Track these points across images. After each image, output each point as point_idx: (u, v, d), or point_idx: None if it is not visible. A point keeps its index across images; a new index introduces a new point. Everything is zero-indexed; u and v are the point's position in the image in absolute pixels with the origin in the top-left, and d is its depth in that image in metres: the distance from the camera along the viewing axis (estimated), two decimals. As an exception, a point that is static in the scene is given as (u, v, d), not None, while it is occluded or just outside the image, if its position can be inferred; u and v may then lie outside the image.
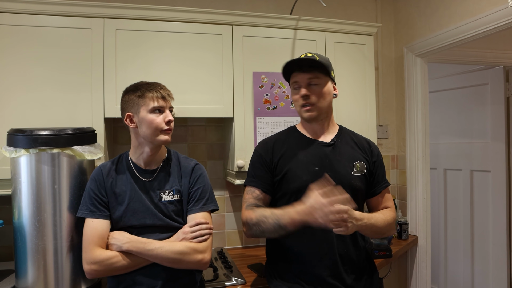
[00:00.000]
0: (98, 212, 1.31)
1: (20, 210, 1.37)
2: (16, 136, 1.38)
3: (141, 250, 1.26)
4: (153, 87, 1.34)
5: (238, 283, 1.66)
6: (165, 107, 1.35)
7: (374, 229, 1.34)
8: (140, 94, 1.32)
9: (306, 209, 1.21)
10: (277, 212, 1.30)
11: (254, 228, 1.34)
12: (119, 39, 1.76)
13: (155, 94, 1.32)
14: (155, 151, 1.37)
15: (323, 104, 1.41)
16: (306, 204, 1.22)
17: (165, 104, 1.34)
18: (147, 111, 1.31)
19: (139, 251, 1.26)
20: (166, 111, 1.35)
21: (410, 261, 2.51)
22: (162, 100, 1.33)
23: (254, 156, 1.48)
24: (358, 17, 2.54)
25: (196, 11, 1.86)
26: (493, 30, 1.88)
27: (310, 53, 1.42)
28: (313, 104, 1.39)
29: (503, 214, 2.69)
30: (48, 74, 1.68)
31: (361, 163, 1.45)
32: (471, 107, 2.89)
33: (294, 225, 1.26)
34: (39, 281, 1.36)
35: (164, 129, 1.32)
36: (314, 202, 1.20)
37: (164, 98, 1.34)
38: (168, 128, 1.34)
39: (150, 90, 1.33)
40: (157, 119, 1.32)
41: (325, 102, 1.42)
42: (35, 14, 1.66)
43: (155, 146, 1.36)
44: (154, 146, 1.35)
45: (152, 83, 1.37)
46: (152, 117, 1.31)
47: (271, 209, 1.34)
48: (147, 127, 1.31)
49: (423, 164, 2.43)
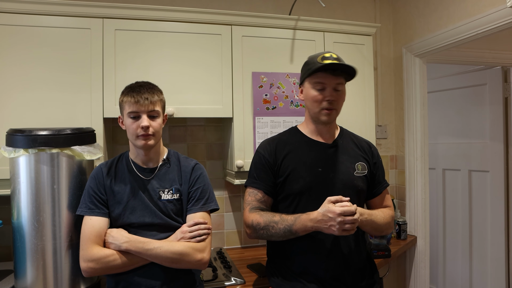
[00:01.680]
0: (97, 209, 1.31)
1: (19, 210, 1.37)
2: (15, 136, 1.37)
3: (140, 250, 1.25)
4: (133, 91, 1.31)
5: (237, 283, 1.66)
6: (141, 112, 1.30)
7: (374, 225, 1.38)
8: (122, 98, 1.33)
9: (320, 217, 1.25)
10: (288, 218, 1.33)
11: (261, 232, 1.36)
12: (118, 39, 1.76)
13: (130, 99, 1.29)
14: (147, 152, 1.37)
15: (340, 109, 1.44)
16: (320, 212, 1.26)
17: (140, 109, 1.29)
18: (126, 115, 1.32)
19: (138, 250, 1.25)
20: (143, 116, 1.30)
21: (408, 261, 2.51)
22: (136, 104, 1.29)
23: (257, 157, 1.49)
24: (357, 17, 2.55)
25: (195, 11, 1.86)
26: (491, 31, 1.88)
27: (335, 54, 1.40)
28: (335, 108, 1.41)
29: (501, 214, 2.70)
30: (47, 74, 1.67)
31: (363, 164, 1.47)
32: (470, 107, 2.90)
33: (306, 231, 1.30)
34: (38, 281, 1.36)
35: (139, 134, 1.30)
36: (328, 211, 1.23)
37: (138, 103, 1.28)
38: (143, 134, 1.30)
39: (129, 94, 1.31)
40: (133, 125, 1.30)
41: (341, 108, 1.45)
42: (34, 14, 1.66)
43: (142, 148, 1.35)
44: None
45: (137, 86, 1.33)
46: (129, 122, 1.31)
47: (280, 214, 1.36)
48: (127, 131, 1.34)
49: (421, 164, 2.43)
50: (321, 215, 1.25)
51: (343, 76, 1.39)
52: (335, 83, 1.38)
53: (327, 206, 1.24)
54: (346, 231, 1.22)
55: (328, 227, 1.24)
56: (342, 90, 1.41)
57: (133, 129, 1.31)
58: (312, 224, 1.27)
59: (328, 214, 1.23)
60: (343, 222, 1.21)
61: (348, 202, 1.25)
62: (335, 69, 1.37)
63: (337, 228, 1.22)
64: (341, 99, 1.42)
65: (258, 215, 1.37)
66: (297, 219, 1.30)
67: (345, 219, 1.21)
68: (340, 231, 1.22)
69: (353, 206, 1.24)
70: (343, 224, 1.21)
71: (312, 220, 1.27)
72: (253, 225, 1.37)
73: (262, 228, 1.35)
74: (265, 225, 1.34)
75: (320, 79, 1.38)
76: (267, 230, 1.34)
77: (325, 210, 1.24)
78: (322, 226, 1.25)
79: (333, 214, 1.21)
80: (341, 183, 1.40)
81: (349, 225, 1.21)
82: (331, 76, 1.37)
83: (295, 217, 1.31)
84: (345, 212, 1.21)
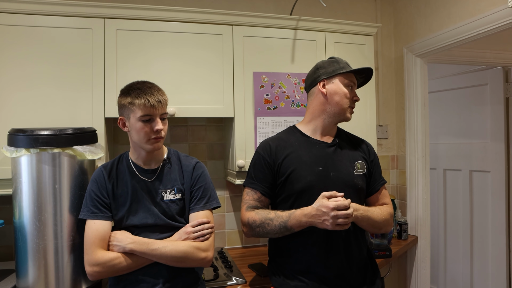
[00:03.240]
0: (100, 213, 1.31)
1: (20, 210, 1.38)
2: (17, 136, 1.38)
3: (145, 250, 1.26)
4: (144, 93, 1.26)
5: (239, 283, 1.66)
6: (155, 115, 1.28)
7: (370, 221, 1.38)
8: (130, 100, 1.27)
9: (314, 212, 1.26)
10: (282, 214, 1.34)
11: (257, 229, 1.37)
12: (119, 39, 1.77)
13: (144, 102, 1.25)
14: (151, 153, 1.36)
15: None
16: (314, 207, 1.27)
17: (155, 112, 1.27)
18: (136, 119, 1.28)
19: (143, 251, 1.26)
20: (156, 119, 1.29)
21: (409, 261, 2.51)
22: (151, 108, 1.26)
23: (256, 157, 1.49)
24: (358, 17, 2.55)
25: (197, 11, 1.86)
26: (492, 31, 1.88)
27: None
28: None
29: (502, 214, 2.70)
30: (49, 74, 1.68)
31: (361, 162, 1.49)
32: (471, 108, 2.90)
33: (300, 226, 1.31)
34: (39, 280, 1.36)
35: (151, 138, 1.29)
36: (321, 206, 1.24)
37: (153, 106, 1.26)
38: (156, 137, 1.30)
39: (140, 96, 1.26)
40: (145, 128, 1.28)
41: None
42: (35, 14, 1.66)
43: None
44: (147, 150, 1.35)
45: (144, 87, 1.29)
46: (141, 126, 1.28)
47: (275, 211, 1.37)
48: (136, 134, 1.30)
49: (422, 164, 2.43)
50: (315, 210, 1.26)
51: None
52: (356, 84, 1.52)
53: (321, 201, 1.26)
54: (339, 226, 1.23)
55: (322, 222, 1.25)
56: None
57: (145, 132, 1.28)
58: (306, 219, 1.28)
59: (321, 209, 1.24)
60: (336, 217, 1.22)
61: (342, 198, 1.25)
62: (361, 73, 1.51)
63: (331, 222, 1.23)
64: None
65: (254, 213, 1.38)
66: (291, 215, 1.31)
67: (338, 213, 1.22)
68: (334, 225, 1.23)
69: (346, 201, 1.25)
70: (336, 218, 1.22)
71: (306, 215, 1.28)
72: (249, 223, 1.38)
73: (258, 226, 1.36)
74: (260, 222, 1.35)
75: (352, 79, 1.49)
76: (263, 228, 1.35)
77: (319, 205, 1.25)
78: (316, 220, 1.26)
79: (326, 208, 1.23)
80: (342, 182, 1.41)
81: (342, 219, 1.22)
82: (356, 78, 1.51)
83: (289, 213, 1.32)
84: (339, 206, 1.22)
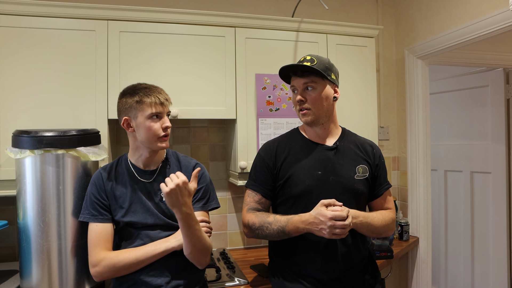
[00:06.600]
0: (100, 216, 1.32)
1: (24, 211, 1.38)
2: (21, 137, 1.38)
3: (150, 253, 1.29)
4: (152, 92, 1.30)
5: (241, 284, 1.66)
6: (163, 113, 1.32)
7: (370, 228, 1.37)
8: (138, 99, 1.29)
9: (311, 220, 1.26)
10: (281, 219, 1.34)
11: (256, 232, 1.38)
12: (122, 41, 1.77)
13: (154, 100, 1.28)
14: (154, 153, 1.37)
15: (320, 108, 1.40)
16: (312, 214, 1.27)
17: (163, 110, 1.31)
18: (144, 117, 1.29)
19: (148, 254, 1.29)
20: (164, 117, 1.33)
21: (411, 262, 2.52)
22: (160, 106, 1.30)
23: (257, 159, 1.50)
24: (360, 19, 2.56)
25: (199, 14, 1.87)
26: (494, 33, 1.89)
27: (309, 56, 1.42)
28: (309, 108, 1.39)
29: (503, 216, 2.70)
30: (52, 76, 1.68)
31: (364, 166, 1.45)
32: (472, 109, 2.91)
33: (298, 232, 1.32)
34: (43, 281, 1.37)
35: (161, 135, 1.31)
36: (319, 214, 1.24)
37: (162, 104, 1.30)
38: (165, 134, 1.32)
39: (149, 95, 1.29)
40: (155, 126, 1.30)
41: (322, 107, 1.40)
42: (39, 16, 1.67)
43: (153, 150, 1.36)
44: (152, 150, 1.35)
45: (150, 87, 1.33)
46: (150, 124, 1.29)
47: (274, 215, 1.37)
48: (145, 133, 1.31)
49: (424, 165, 2.44)
50: (312, 218, 1.26)
51: (312, 75, 1.38)
52: (302, 83, 1.40)
53: (319, 209, 1.25)
54: (336, 235, 1.23)
55: (319, 230, 1.25)
56: (315, 88, 1.39)
57: (155, 130, 1.30)
58: (303, 226, 1.28)
59: (319, 217, 1.24)
60: (333, 227, 1.22)
61: (340, 207, 1.25)
62: (295, 71, 1.41)
63: (327, 231, 1.22)
64: (314, 99, 1.39)
65: (254, 215, 1.39)
66: (289, 221, 1.32)
67: (336, 223, 1.21)
68: (330, 235, 1.23)
69: (344, 211, 1.24)
70: (334, 228, 1.22)
71: (303, 222, 1.28)
72: (249, 225, 1.40)
73: (257, 228, 1.37)
74: (259, 225, 1.37)
75: (292, 82, 1.44)
76: (262, 230, 1.37)
77: (317, 213, 1.25)
78: (313, 228, 1.26)
79: (324, 217, 1.22)
80: (341, 187, 1.40)
81: (339, 229, 1.22)
82: (297, 77, 1.41)
83: (288, 218, 1.33)
84: (336, 217, 1.22)
